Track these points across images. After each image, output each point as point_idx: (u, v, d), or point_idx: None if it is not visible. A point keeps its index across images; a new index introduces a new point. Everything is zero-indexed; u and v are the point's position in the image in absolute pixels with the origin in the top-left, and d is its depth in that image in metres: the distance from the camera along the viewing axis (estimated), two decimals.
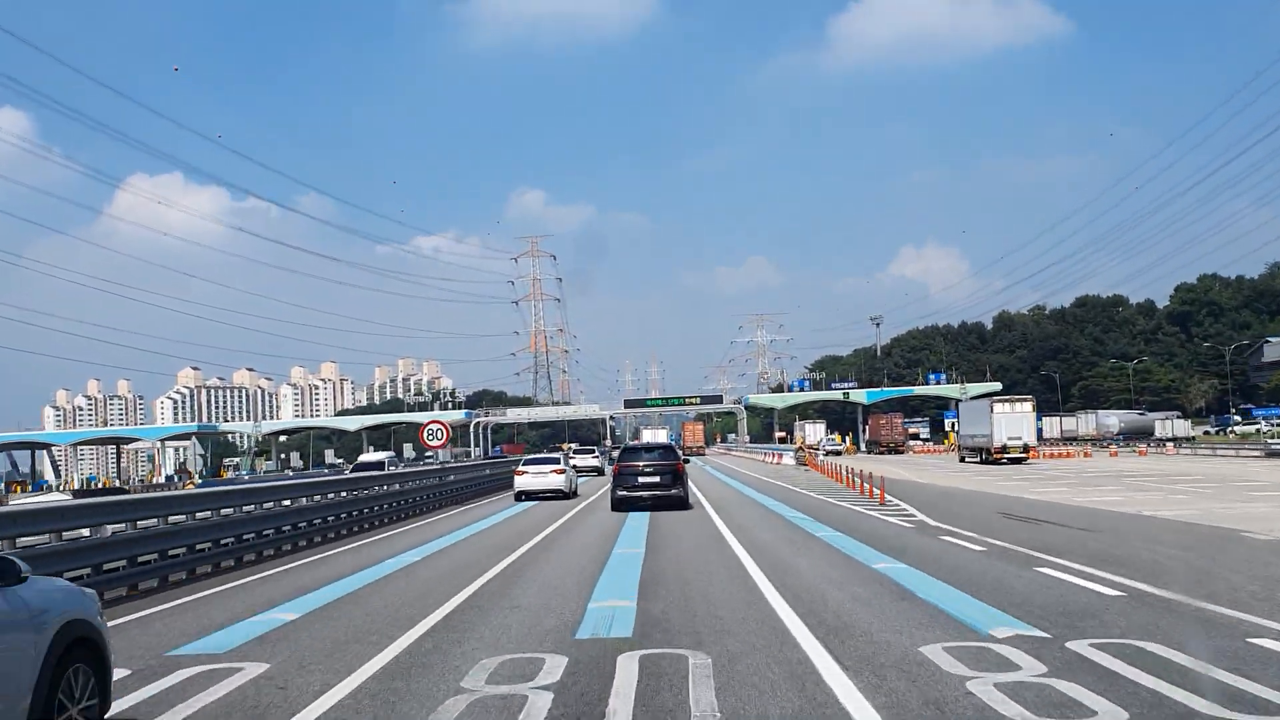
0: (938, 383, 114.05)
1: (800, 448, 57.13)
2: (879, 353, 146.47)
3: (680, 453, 27.12)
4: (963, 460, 51.95)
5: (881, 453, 78.45)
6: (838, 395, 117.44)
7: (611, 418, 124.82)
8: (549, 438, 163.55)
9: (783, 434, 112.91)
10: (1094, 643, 7.15)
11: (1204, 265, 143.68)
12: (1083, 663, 6.59)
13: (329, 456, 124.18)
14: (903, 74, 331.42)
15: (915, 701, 5.78)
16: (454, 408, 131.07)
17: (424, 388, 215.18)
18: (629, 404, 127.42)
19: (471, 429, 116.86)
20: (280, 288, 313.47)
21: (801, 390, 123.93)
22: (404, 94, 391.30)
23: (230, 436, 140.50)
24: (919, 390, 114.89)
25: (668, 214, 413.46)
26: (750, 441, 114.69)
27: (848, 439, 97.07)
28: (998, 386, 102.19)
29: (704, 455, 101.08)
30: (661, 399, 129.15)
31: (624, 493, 22.26)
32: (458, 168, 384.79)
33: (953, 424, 71.11)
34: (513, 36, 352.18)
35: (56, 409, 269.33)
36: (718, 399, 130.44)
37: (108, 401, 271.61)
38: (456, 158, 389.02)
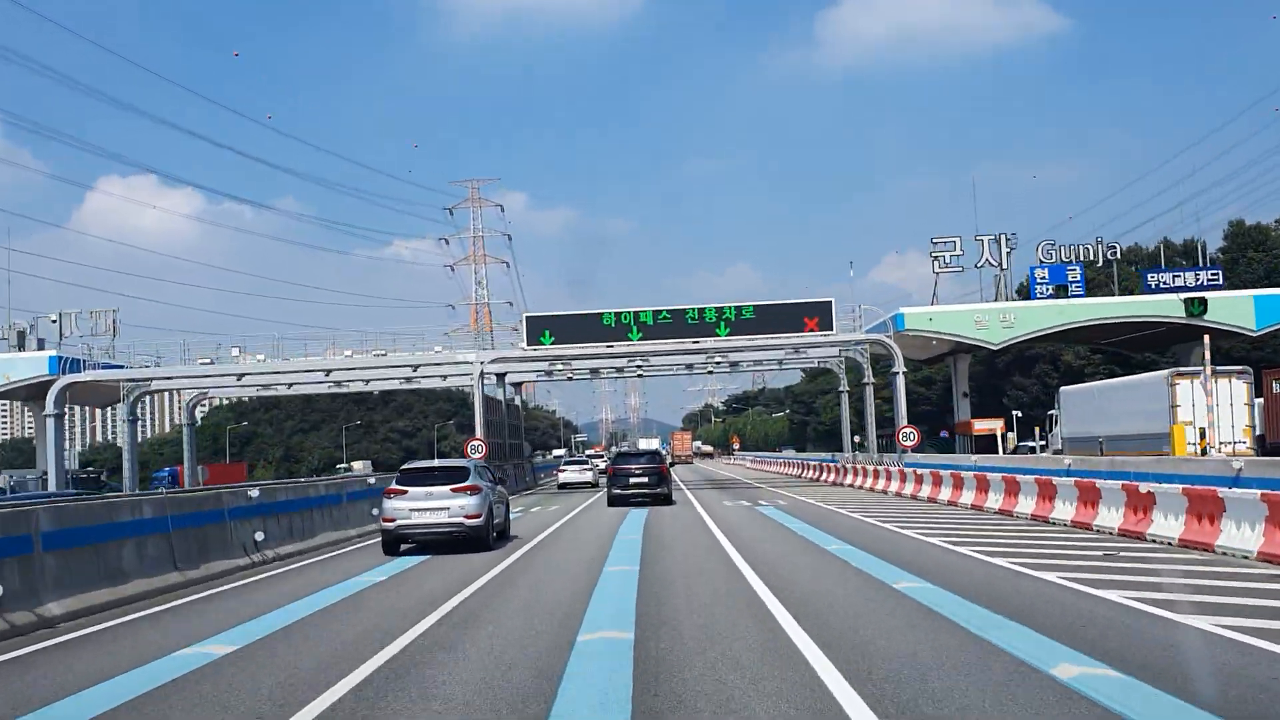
0: None
1: None
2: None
3: (665, 457, 33.44)
4: None
5: None
6: (1170, 306, 39.65)
7: (496, 376, 46.50)
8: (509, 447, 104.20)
9: (987, 426, 46.16)
10: None
11: None
12: None
13: None
14: (895, 73, 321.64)
15: None
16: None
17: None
18: (537, 326, 38.40)
19: (50, 408, 41.34)
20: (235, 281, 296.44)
21: (1057, 296, 41.50)
22: (378, 88, 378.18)
23: None
24: None
25: (652, 219, 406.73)
26: (913, 448, 33.94)
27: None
28: None
29: (691, 463, 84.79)
30: (664, 309, 38.49)
31: (618, 491, 27.45)
32: (436, 166, 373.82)
33: None
34: (493, 33, 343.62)
35: None
36: (821, 310, 37.44)
37: None
38: (435, 156, 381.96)
